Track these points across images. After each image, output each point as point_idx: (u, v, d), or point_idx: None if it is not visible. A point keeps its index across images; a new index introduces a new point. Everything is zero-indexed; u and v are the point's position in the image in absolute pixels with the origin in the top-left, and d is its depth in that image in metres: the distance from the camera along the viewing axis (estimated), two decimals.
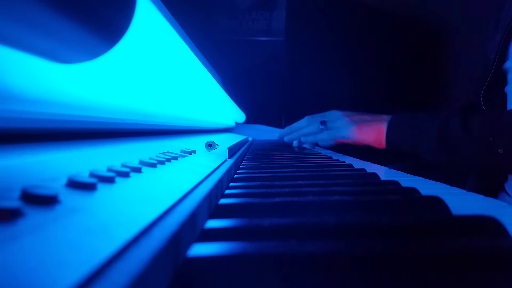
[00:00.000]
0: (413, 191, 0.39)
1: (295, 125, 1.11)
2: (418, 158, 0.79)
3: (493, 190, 0.86)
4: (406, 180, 0.48)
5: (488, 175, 0.84)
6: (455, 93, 1.82)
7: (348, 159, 0.82)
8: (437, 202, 0.33)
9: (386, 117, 0.86)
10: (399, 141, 0.83)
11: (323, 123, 0.98)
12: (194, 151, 0.54)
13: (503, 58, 0.84)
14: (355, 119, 0.91)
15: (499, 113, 0.78)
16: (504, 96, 0.86)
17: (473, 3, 1.65)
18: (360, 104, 1.73)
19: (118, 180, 0.26)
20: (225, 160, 0.56)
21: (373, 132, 0.86)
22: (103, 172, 0.25)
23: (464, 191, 0.44)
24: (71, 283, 0.12)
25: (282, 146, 1.20)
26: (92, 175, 0.24)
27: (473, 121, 0.73)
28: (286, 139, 1.12)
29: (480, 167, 0.82)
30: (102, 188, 0.23)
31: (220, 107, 1.19)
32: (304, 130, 1.05)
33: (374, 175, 0.52)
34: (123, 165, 0.30)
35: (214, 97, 1.02)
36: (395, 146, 0.84)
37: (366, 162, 0.79)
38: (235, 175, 0.55)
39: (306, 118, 1.07)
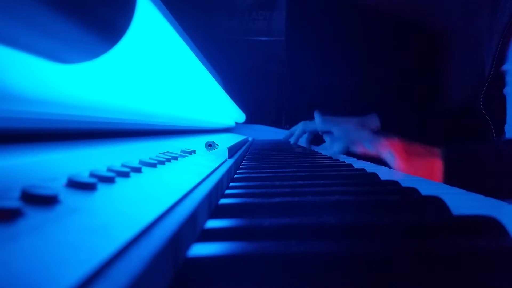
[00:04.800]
0: (413, 191, 0.39)
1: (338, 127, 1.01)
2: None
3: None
4: (406, 180, 0.48)
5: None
6: (455, 93, 1.82)
7: (348, 159, 0.82)
8: (437, 202, 0.33)
9: (439, 151, 0.78)
10: (461, 177, 0.74)
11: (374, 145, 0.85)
12: (194, 151, 0.54)
13: (501, 60, 0.85)
14: (405, 149, 0.79)
15: None
16: (503, 98, 0.86)
17: (472, 4, 1.65)
18: (360, 104, 1.73)
19: (118, 180, 0.26)
20: (225, 160, 0.56)
21: (425, 168, 0.77)
22: (103, 172, 0.25)
23: (464, 191, 0.44)
24: (71, 283, 0.12)
25: (281, 147, 1.20)
26: (92, 175, 0.24)
27: None
28: (292, 140, 1.15)
29: None
30: (102, 188, 0.23)
31: (220, 107, 1.19)
32: (352, 136, 0.92)
33: (374, 175, 0.52)
34: (123, 165, 0.30)
35: (214, 97, 1.02)
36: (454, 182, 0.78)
37: (366, 162, 0.79)
38: (235, 175, 0.55)
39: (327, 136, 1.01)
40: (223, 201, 0.35)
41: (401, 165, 0.78)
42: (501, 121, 0.87)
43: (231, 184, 0.47)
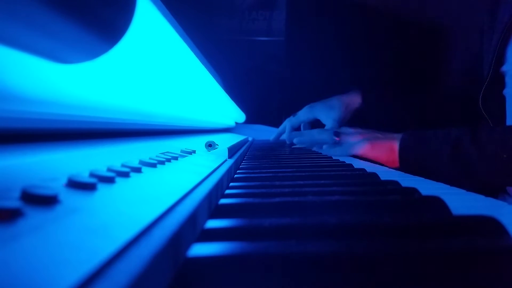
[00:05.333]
0: (413, 191, 0.39)
1: (307, 131, 1.10)
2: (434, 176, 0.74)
3: (493, 190, 0.86)
4: (406, 180, 0.48)
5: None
6: (455, 93, 1.82)
7: (348, 159, 0.82)
8: (437, 202, 0.33)
9: (398, 136, 0.83)
10: (412, 160, 0.79)
11: (336, 134, 0.94)
12: (194, 151, 0.54)
13: (500, 61, 0.85)
14: (368, 137, 0.87)
15: (509, 128, 0.75)
16: (502, 99, 0.86)
17: (472, 4, 1.65)
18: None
19: (118, 180, 0.26)
20: (225, 160, 0.56)
21: (386, 150, 0.83)
22: (103, 172, 0.25)
23: (464, 191, 0.44)
24: (71, 283, 0.12)
25: (282, 146, 1.20)
26: (92, 175, 0.24)
27: (485, 139, 0.71)
28: (296, 141, 1.08)
29: (496, 184, 0.80)
30: (102, 188, 0.23)
31: (220, 107, 1.19)
32: (317, 138, 1.01)
33: (374, 175, 0.52)
34: (123, 165, 0.30)
35: (214, 97, 1.02)
36: (408, 165, 0.80)
37: (366, 162, 0.79)
38: (235, 175, 0.55)
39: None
40: (223, 201, 0.35)
41: (366, 152, 0.85)
42: (500, 122, 0.87)
43: (231, 184, 0.47)
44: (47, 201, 0.18)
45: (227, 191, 0.41)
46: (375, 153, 0.84)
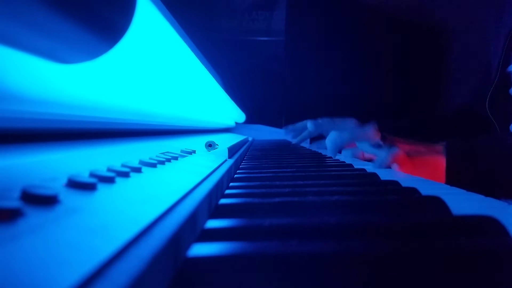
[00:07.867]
0: (413, 191, 0.39)
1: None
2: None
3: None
4: (406, 180, 0.48)
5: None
6: (456, 93, 1.83)
7: (348, 159, 0.82)
8: (437, 202, 0.33)
9: (441, 148, 0.71)
10: (466, 174, 0.69)
11: (382, 136, 0.79)
12: (194, 151, 0.54)
13: (507, 63, 0.85)
14: (407, 150, 0.75)
15: None
16: (508, 99, 0.86)
17: (474, 5, 1.65)
18: (360, 103, 1.73)
19: (118, 180, 0.26)
20: (225, 160, 0.56)
21: (429, 168, 0.72)
22: (103, 172, 0.25)
23: (464, 191, 0.44)
24: (71, 283, 0.12)
25: (282, 146, 1.20)
26: (92, 175, 0.24)
27: None
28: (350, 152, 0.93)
29: None
30: (102, 188, 0.23)
31: (220, 107, 1.19)
32: (357, 132, 0.83)
33: (374, 175, 0.52)
34: (123, 165, 0.30)
35: (214, 97, 1.02)
36: (456, 182, 0.67)
37: (366, 162, 0.79)
38: (235, 175, 0.55)
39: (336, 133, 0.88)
40: (223, 201, 0.35)
41: (404, 167, 0.75)
42: (505, 121, 0.87)
43: (231, 184, 0.47)
44: (47, 201, 0.18)
45: (227, 191, 0.41)
46: (415, 171, 0.72)
